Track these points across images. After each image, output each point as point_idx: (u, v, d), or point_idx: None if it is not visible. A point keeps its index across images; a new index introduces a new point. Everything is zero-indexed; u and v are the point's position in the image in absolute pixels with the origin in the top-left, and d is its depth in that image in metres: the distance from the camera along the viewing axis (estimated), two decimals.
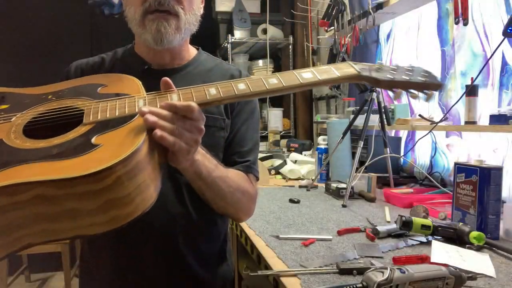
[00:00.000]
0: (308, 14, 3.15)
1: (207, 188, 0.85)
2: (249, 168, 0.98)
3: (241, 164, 0.97)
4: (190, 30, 0.94)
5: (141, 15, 0.88)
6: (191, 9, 0.92)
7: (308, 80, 0.70)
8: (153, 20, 0.88)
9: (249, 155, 0.99)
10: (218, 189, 0.86)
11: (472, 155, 1.67)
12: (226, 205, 0.92)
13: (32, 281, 3.36)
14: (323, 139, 2.20)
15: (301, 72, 0.71)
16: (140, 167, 0.58)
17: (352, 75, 0.71)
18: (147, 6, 0.87)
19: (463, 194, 1.18)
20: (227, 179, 0.88)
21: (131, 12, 0.91)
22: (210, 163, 0.82)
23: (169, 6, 0.87)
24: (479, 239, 1.03)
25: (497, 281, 0.84)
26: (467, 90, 1.50)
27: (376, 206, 1.55)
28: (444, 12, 1.84)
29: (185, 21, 0.90)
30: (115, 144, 0.59)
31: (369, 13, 2.08)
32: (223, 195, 0.88)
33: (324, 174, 2.09)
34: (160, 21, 0.87)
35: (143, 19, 0.89)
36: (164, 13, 0.88)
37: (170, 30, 0.88)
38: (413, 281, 0.72)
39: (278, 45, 3.49)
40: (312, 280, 0.84)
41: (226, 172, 0.88)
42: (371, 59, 2.39)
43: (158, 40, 0.89)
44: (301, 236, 1.14)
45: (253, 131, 1.02)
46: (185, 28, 0.91)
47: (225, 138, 0.98)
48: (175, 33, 0.89)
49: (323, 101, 3.18)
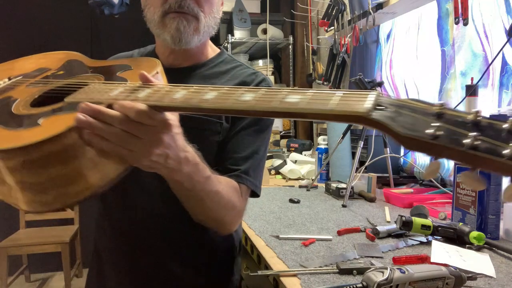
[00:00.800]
0: (308, 14, 3.15)
1: (188, 200, 0.77)
2: (240, 178, 0.88)
3: (233, 172, 0.88)
4: (208, 33, 0.93)
5: (161, 16, 0.88)
6: (211, 12, 0.91)
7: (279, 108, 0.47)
8: (173, 18, 0.87)
9: (244, 163, 0.89)
10: (201, 204, 0.77)
11: None
12: (206, 219, 0.84)
13: (32, 281, 3.36)
14: (323, 139, 2.20)
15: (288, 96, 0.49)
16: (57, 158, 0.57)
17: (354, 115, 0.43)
18: (166, 8, 0.87)
19: (463, 194, 1.18)
20: (216, 195, 0.78)
21: (150, 13, 0.90)
22: (200, 175, 0.71)
23: (189, 8, 0.86)
24: (479, 239, 1.03)
25: (497, 281, 0.84)
26: (469, 93, 1.50)
27: (376, 206, 1.55)
28: (444, 12, 1.84)
29: (205, 24, 0.90)
30: (45, 128, 0.59)
31: (369, 13, 2.08)
32: (204, 211, 0.80)
33: (324, 174, 2.09)
34: (181, 19, 0.87)
35: (162, 19, 0.88)
36: (185, 13, 0.87)
37: (189, 30, 0.87)
38: (413, 281, 0.72)
39: (278, 45, 3.49)
40: (312, 280, 0.84)
41: (216, 186, 0.77)
42: (371, 59, 2.39)
43: (177, 39, 0.87)
44: (301, 236, 1.14)
45: (254, 139, 0.92)
46: (203, 31, 0.90)
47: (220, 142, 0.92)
48: (193, 34, 0.88)
49: None
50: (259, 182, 0.94)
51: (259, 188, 0.93)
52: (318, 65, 3.07)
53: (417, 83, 2.04)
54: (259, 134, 0.93)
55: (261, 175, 0.95)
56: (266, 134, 0.96)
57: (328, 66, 2.83)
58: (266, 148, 0.97)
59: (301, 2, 3.19)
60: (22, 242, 2.87)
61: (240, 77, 0.94)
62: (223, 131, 0.92)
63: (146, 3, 0.92)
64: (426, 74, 1.96)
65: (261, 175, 0.96)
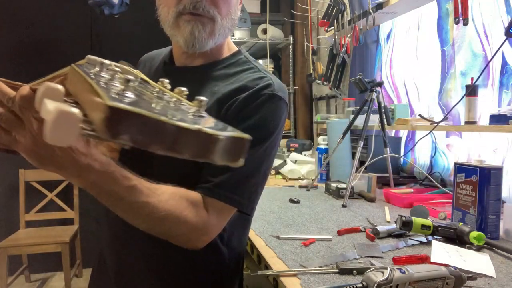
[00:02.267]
0: (308, 14, 3.15)
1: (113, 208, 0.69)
2: (210, 191, 0.77)
3: (206, 184, 0.78)
4: (224, 35, 0.88)
5: (175, 17, 0.84)
6: (228, 13, 0.86)
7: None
8: (188, 21, 0.83)
9: (220, 175, 0.78)
10: (127, 215, 0.70)
11: (472, 155, 1.67)
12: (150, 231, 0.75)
13: (32, 281, 3.36)
14: (323, 139, 2.20)
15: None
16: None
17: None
18: (181, 9, 0.82)
19: (463, 194, 1.18)
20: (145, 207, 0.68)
21: (164, 13, 0.86)
22: (115, 185, 0.63)
23: (204, 10, 0.82)
24: (479, 239, 1.03)
25: (497, 281, 0.84)
26: (468, 92, 1.50)
27: (376, 206, 1.55)
28: (444, 12, 1.84)
29: (221, 26, 0.85)
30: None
31: (369, 13, 2.08)
32: (136, 222, 0.72)
33: (324, 174, 2.09)
34: (196, 23, 0.82)
35: (176, 20, 0.84)
36: (200, 16, 0.82)
37: (204, 34, 0.83)
38: (413, 281, 0.72)
39: (278, 45, 3.49)
40: (312, 280, 0.84)
41: (145, 198, 0.68)
42: (371, 59, 2.40)
43: (190, 44, 0.84)
44: (301, 236, 1.14)
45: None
46: (219, 33, 0.86)
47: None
48: (208, 38, 0.84)
49: (323, 101, 3.18)
50: (247, 197, 0.81)
51: (244, 205, 0.81)
52: (318, 65, 3.07)
53: (417, 83, 2.04)
54: (254, 145, 0.80)
55: (252, 191, 0.82)
56: (265, 145, 0.83)
57: (328, 66, 2.83)
58: (264, 162, 0.83)
59: (301, 2, 3.19)
60: (22, 242, 2.87)
61: (243, 81, 0.86)
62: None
63: (160, 2, 0.88)
64: (426, 74, 1.96)
65: (253, 191, 0.83)
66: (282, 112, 0.86)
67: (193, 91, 0.89)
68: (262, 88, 0.84)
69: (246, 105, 0.82)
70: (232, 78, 0.88)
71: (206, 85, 0.88)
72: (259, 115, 0.82)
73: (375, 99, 1.79)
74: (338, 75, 2.73)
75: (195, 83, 0.89)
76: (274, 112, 0.84)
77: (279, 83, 0.88)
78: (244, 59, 0.93)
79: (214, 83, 0.88)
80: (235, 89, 0.85)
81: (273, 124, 0.84)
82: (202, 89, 0.87)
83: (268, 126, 0.83)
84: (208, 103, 0.83)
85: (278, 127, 0.85)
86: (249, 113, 0.82)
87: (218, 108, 0.83)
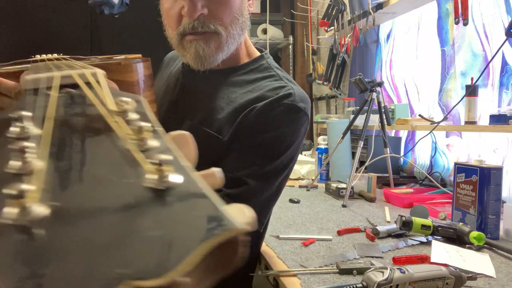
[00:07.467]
0: (308, 14, 3.15)
1: None
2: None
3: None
4: (235, 42, 0.85)
5: (178, 39, 0.83)
6: (232, 20, 0.82)
7: None
8: (190, 41, 0.81)
9: (234, 188, 0.77)
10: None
11: (472, 155, 1.67)
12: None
13: None
14: (323, 139, 2.20)
15: None
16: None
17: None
18: (181, 31, 0.81)
19: (463, 194, 1.18)
20: None
21: (169, 34, 0.86)
22: None
23: (204, 27, 0.79)
24: (479, 239, 1.03)
25: (497, 281, 0.84)
26: (468, 92, 1.50)
27: (376, 206, 1.55)
28: (444, 12, 1.84)
29: (226, 37, 0.81)
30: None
31: (369, 13, 2.08)
32: None
33: (324, 174, 2.09)
34: (198, 43, 0.80)
35: (181, 42, 0.83)
36: (201, 33, 0.80)
37: (209, 51, 0.81)
38: (413, 281, 0.72)
39: (278, 45, 3.49)
40: (312, 280, 0.84)
41: None
42: (371, 59, 2.40)
43: (198, 64, 0.82)
44: (301, 236, 1.14)
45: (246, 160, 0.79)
46: (227, 45, 0.82)
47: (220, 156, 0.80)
48: (216, 52, 0.81)
49: (323, 101, 3.18)
50: (257, 213, 0.80)
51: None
52: (318, 65, 3.07)
53: (417, 83, 2.04)
54: (270, 161, 0.81)
55: (262, 206, 0.82)
56: (280, 160, 0.81)
57: (328, 66, 2.83)
58: (278, 177, 0.82)
59: (301, 2, 3.19)
60: None
61: (262, 90, 0.83)
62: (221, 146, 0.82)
63: (165, 23, 0.87)
64: (426, 74, 1.96)
65: (264, 206, 0.83)
66: (301, 124, 0.83)
67: (208, 96, 0.88)
68: (282, 97, 0.81)
69: (264, 116, 0.80)
70: (250, 85, 0.86)
71: (223, 90, 0.86)
72: (276, 128, 0.80)
73: (375, 99, 1.79)
74: (338, 75, 2.73)
75: (211, 87, 0.87)
76: (292, 124, 0.82)
77: (301, 92, 0.85)
78: (265, 65, 0.90)
79: (231, 89, 0.86)
80: (252, 99, 0.82)
81: (291, 138, 0.81)
82: (218, 94, 0.86)
83: (285, 140, 0.81)
84: (224, 110, 0.84)
85: (295, 141, 0.83)
86: (266, 125, 0.80)
87: (234, 117, 0.81)
